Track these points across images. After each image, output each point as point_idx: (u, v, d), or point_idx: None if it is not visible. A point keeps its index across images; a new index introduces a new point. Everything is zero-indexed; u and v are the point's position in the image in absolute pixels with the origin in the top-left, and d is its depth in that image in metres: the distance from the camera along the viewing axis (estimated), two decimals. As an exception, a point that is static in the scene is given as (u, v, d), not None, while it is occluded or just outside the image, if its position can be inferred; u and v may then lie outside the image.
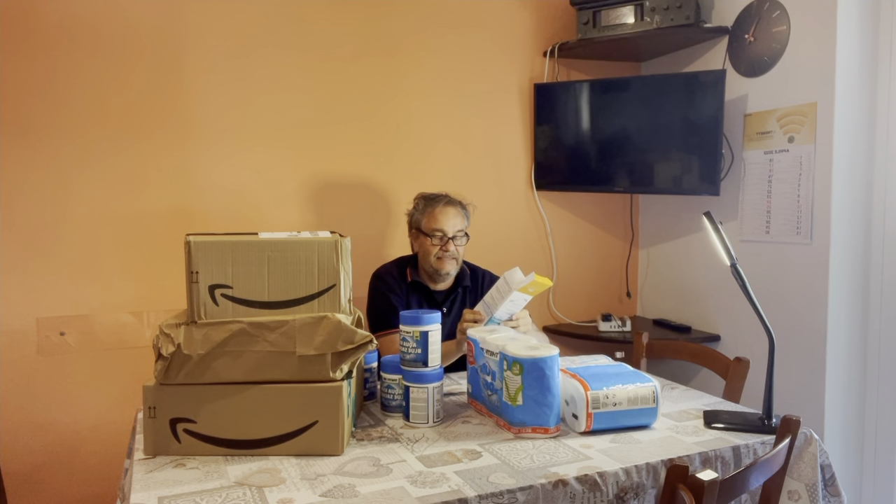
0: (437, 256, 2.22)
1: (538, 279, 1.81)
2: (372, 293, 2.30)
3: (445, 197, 2.28)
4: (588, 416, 1.57)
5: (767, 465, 1.34)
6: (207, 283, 1.47)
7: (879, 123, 2.34)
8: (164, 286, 2.45)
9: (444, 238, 2.21)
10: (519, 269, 1.89)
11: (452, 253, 2.22)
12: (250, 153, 2.55)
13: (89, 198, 2.36)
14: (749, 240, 2.62)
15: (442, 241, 2.21)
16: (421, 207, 2.29)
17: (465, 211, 2.30)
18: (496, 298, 1.89)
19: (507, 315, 1.92)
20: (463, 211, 2.29)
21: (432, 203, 2.27)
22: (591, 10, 2.77)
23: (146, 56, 2.39)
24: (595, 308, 3.17)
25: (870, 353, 2.39)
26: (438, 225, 2.22)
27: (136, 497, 1.27)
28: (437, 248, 2.21)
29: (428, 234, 2.23)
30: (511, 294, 1.84)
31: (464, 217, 2.28)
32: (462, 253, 2.27)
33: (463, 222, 2.26)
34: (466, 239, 2.27)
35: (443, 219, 2.22)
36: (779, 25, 2.45)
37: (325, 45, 2.62)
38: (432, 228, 2.22)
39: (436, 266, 2.23)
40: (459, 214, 2.26)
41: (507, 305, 1.88)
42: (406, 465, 1.41)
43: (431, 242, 2.22)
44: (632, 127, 2.81)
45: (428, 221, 2.24)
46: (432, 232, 2.22)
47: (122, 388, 2.41)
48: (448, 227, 2.21)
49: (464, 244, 2.26)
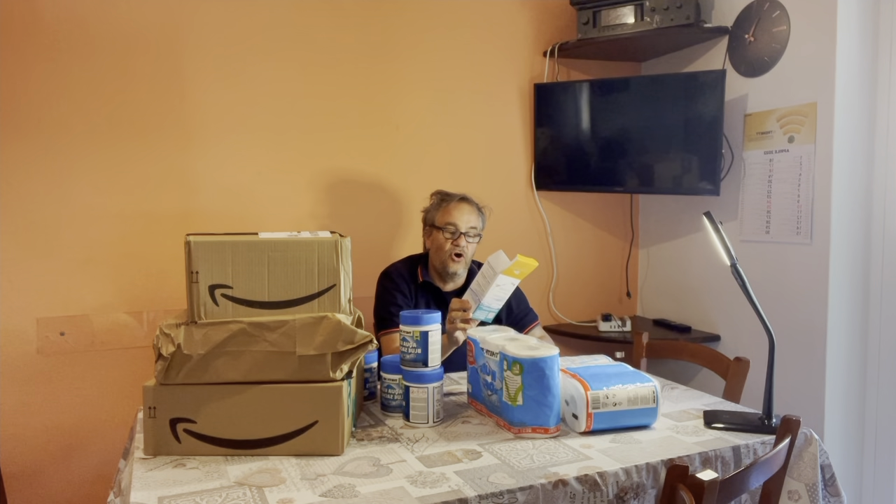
0: (448, 252, 2.20)
1: (522, 259, 1.77)
2: (379, 291, 2.28)
3: (461, 195, 2.28)
4: (588, 416, 1.57)
5: (767, 465, 1.34)
6: (207, 283, 1.47)
7: (879, 123, 2.34)
8: (164, 286, 2.45)
9: (455, 232, 2.20)
10: (503, 252, 1.84)
11: (462, 249, 2.20)
12: (250, 153, 2.55)
13: (90, 198, 2.36)
14: (749, 240, 2.62)
15: (454, 236, 2.20)
16: (436, 203, 2.28)
17: (481, 213, 2.28)
18: (482, 285, 1.85)
19: (496, 302, 1.87)
20: (479, 211, 2.27)
21: (448, 198, 2.27)
22: (591, 10, 2.77)
23: (147, 56, 2.39)
24: (595, 308, 3.17)
25: (870, 354, 2.39)
26: (451, 219, 2.21)
27: (136, 496, 1.27)
28: (448, 243, 2.20)
29: (440, 227, 2.22)
30: (497, 278, 1.79)
31: (479, 217, 2.26)
32: (472, 252, 2.26)
33: (477, 221, 2.25)
34: (478, 239, 2.25)
35: (457, 213, 2.21)
36: (779, 25, 2.45)
37: (326, 45, 2.62)
38: (445, 222, 2.21)
39: (445, 263, 2.21)
40: (474, 213, 2.25)
41: (495, 291, 1.83)
42: (406, 465, 1.41)
43: (444, 236, 2.21)
44: (632, 127, 2.81)
45: (442, 216, 2.24)
46: (445, 225, 2.21)
47: (122, 388, 2.41)
48: (461, 222, 2.20)
49: (475, 243, 2.25)
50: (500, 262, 1.81)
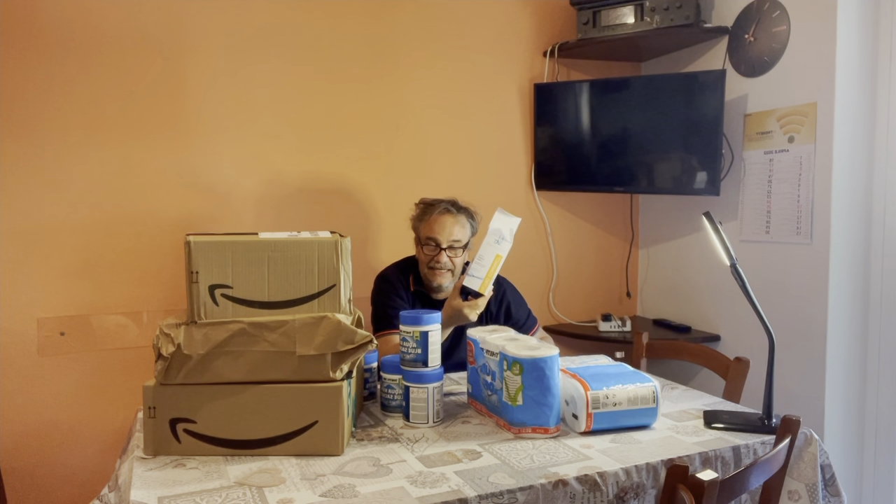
0: (429, 266, 2.12)
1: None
2: (376, 293, 2.25)
3: (445, 203, 2.14)
4: (588, 416, 1.57)
5: (767, 465, 1.34)
6: (207, 283, 1.47)
7: (879, 123, 2.34)
8: (164, 286, 2.45)
9: (436, 248, 2.10)
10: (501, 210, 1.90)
11: (446, 265, 2.10)
12: (250, 154, 2.55)
13: (90, 198, 2.36)
14: (749, 240, 2.62)
15: (434, 252, 2.10)
16: (419, 214, 2.18)
17: (470, 220, 2.16)
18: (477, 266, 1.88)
19: (478, 261, 1.89)
20: (467, 220, 2.15)
21: (430, 209, 2.14)
22: (591, 10, 2.77)
23: (146, 57, 2.39)
24: (595, 308, 3.17)
25: (870, 353, 2.39)
26: (432, 234, 2.10)
27: (136, 496, 1.27)
28: (429, 259, 2.12)
29: (422, 242, 2.14)
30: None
31: (465, 226, 2.13)
32: (461, 263, 2.15)
33: (462, 232, 2.12)
34: (465, 250, 2.14)
35: (437, 227, 2.10)
36: (779, 25, 2.45)
37: (327, 46, 2.62)
38: (426, 237, 2.12)
39: (428, 277, 2.14)
40: (458, 223, 2.11)
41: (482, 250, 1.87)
42: (406, 465, 1.41)
43: (424, 251, 2.13)
44: (632, 127, 2.81)
45: (424, 229, 2.14)
46: (426, 241, 2.12)
47: (122, 388, 2.41)
48: (442, 237, 2.09)
49: (460, 256, 2.13)
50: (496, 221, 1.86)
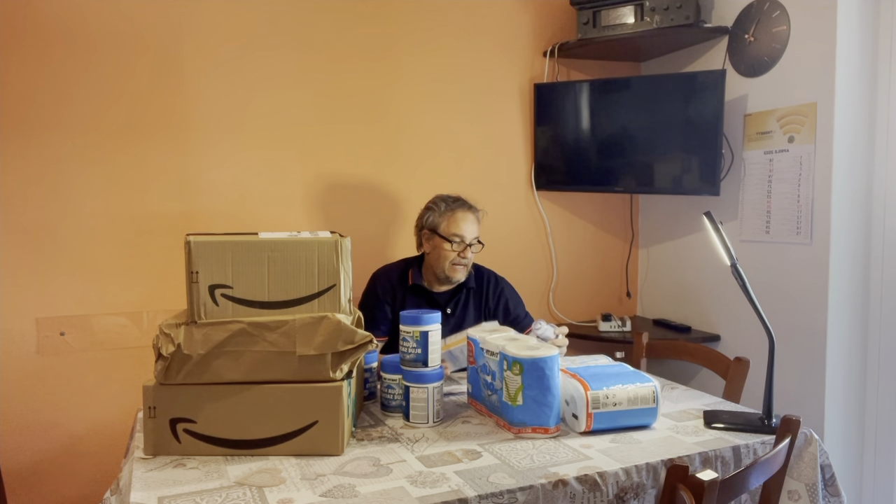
0: (452, 263, 2.18)
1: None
2: (365, 293, 2.29)
3: (465, 202, 2.25)
4: (588, 416, 1.57)
5: (767, 465, 1.34)
6: (207, 283, 1.48)
7: (879, 123, 2.34)
8: (164, 286, 2.45)
9: (462, 244, 2.17)
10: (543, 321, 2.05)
11: (468, 261, 2.20)
12: (250, 153, 2.55)
13: (89, 198, 2.35)
14: (749, 240, 2.62)
15: (461, 248, 2.17)
16: (441, 209, 2.22)
17: (478, 218, 2.27)
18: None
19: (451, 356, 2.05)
20: (478, 218, 2.26)
21: (453, 206, 2.22)
22: (591, 10, 2.77)
23: (147, 56, 2.39)
24: (595, 308, 3.17)
25: (870, 353, 2.39)
26: (459, 231, 2.17)
27: (136, 496, 1.27)
28: (454, 255, 2.17)
29: (447, 238, 2.18)
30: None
31: (478, 224, 2.25)
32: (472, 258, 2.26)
33: (478, 229, 2.24)
34: (481, 247, 2.24)
35: (464, 225, 2.18)
36: (779, 25, 2.45)
37: (326, 45, 2.62)
38: (452, 233, 2.18)
39: (448, 273, 2.19)
40: (476, 221, 2.23)
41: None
42: (406, 465, 1.41)
43: (451, 248, 2.17)
44: (632, 127, 2.81)
45: (448, 225, 2.19)
46: (451, 237, 2.17)
47: (122, 388, 2.41)
48: (468, 234, 2.18)
49: (478, 251, 2.23)
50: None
